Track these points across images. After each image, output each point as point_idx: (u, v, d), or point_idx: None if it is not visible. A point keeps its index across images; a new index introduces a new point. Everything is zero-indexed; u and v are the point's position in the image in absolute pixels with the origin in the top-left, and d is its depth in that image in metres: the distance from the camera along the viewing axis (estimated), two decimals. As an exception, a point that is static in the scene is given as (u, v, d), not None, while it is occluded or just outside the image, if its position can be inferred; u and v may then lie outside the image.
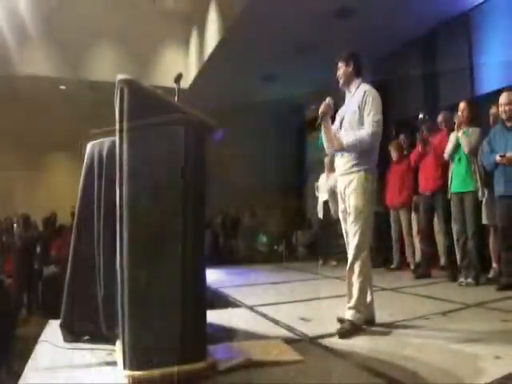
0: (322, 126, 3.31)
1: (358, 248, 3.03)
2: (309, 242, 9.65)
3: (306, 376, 2.19)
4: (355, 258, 3.04)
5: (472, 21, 7.18)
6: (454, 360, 2.35)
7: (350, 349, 2.59)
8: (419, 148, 5.60)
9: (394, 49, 8.18)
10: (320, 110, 3.27)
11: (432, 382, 2.04)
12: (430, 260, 5.66)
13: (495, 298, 4.00)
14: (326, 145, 3.38)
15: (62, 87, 10.44)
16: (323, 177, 7.66)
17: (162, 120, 2.13)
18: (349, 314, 2.96)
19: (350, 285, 3.04)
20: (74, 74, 9.95)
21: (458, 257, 5.11)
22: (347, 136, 3.15)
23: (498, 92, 5.08)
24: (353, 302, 2.98)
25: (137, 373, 1.90)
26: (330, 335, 2.87)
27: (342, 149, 3.15)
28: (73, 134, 9.56)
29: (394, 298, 4.34)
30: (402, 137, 6.73)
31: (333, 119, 3.38)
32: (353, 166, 3.11)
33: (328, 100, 3.29)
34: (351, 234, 3.09)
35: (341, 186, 3.21)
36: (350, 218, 3.09)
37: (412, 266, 6.14)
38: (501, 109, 4.49)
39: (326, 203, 7.41)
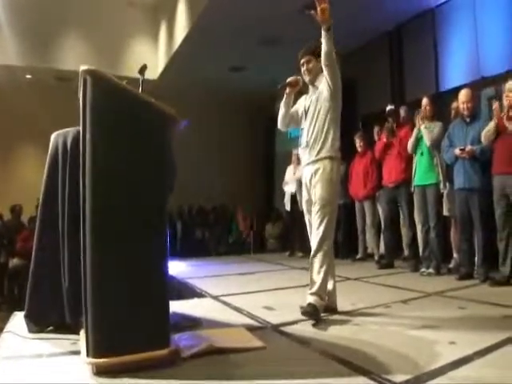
0: (285, 94, 3.35)
1: (322, 239, 3.05)
2: (278, 234, 9.72)
3: (268, 362, 2.23)
4: (318, 249, 3.06)
5: (437, 17, 7.33)
6: (411, 345, 2.44)
7: (311, 336, 2.66)
8: (384, 138, 5.70)
9: (361, 43, 8.27)
10: (288, 80, 3.33)
11: (389, 365, 2.11)
12: (393, 251, 5.80)
13: (455, 287, 4.15)
14: (281, 105, 3.41)
15: (28, 76, 10.22)
16: (290, 169, 7.75)
17: (127, 111, 2.15)
18: (311, 299, 2.99)
19: (312, 273, 3.07)
20: (40, 62, 9.74)
21: (420, 247, 5.28)
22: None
23: (461, 88, 5.24)
24: (314, 289, 3.01)
25: (100, 360, 1.93)
26: (292, 323, 2.93)
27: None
28: (40, 124, 9.43)
29: (357, 287, 4.44)
30: (376, 129, 6.65)
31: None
32: (318, 154, 3.14)
33: (299, 78, 3.33)
34: (315, 225, 3.09)
35: (306, 175, 3.22)
36: (315, 209, 3.10)
37: (376, 257, 6.29)
38: (460, 105, 4.62)
39: (293, 195, 7.49)
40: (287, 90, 3.33)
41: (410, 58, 7.88)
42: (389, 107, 6.01)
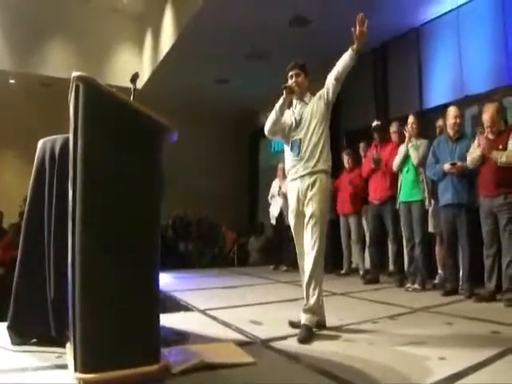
0: (281, 99, 3.28)
1: (318, 253, 3.04)
2: (261, 248, 9.69)
3: (259, 377, 2.20)
4: (315, 264, 3.03)
5: (422, 36, 7.46)
6: (403, 361, 2.43)
7: (301, 351, 2.63)
8: (372, 165, 5.69)
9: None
10: (288, 84, 3.28)
11: (383, 382, 2.09)
12: (379, 266, 5.81)
13: (440, 303, 4.17)
14: (276, 109, 3.31)
15: (12, 81, 10.08)
16: (276, 183, 7.72)
17: (120, 119, 2.12)
18: (304, 318, 2.99)
19: (309, 289, 3.05)
20: (25, 68, 9.64)
21: (406, 263, 5.30)
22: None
23: (445, 106, 5.32)
24: (309, 305, 3.01)
25: (88, 375, 1.86)
26: (282, 338, 2.90)
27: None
28: (22, 130, 9.30)
29: (344, 302, 4.43)
30: (362, 145, 6.71)
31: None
32: (315, 167, 3.13)
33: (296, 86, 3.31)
34: (310, 240, 3.07)
35: (301, 187, 3.17)
36: (311, 222, 3.08)
37: (361, 272, 6.30)
38: (451, 121, 4.66)
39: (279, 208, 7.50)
40: (284, 95, 3.27)
41: (394, 75, 7.98)
42: (375, 123, 6.04)
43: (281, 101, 3.29)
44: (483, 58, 6.35)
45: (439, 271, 5.26)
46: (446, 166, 4.55)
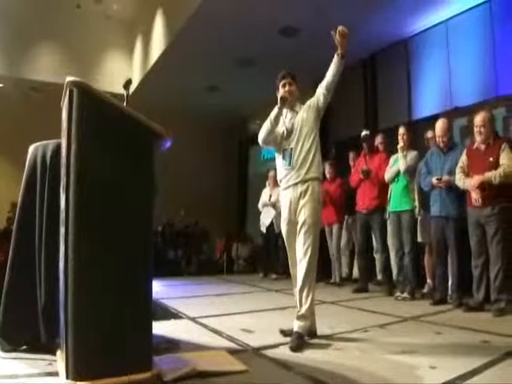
0: (277, 106, 3.26)
1: (310, 260, 3.04)
2: (248, 256, 9.68)
3: (251, 386, 2.19)
4: (308, 271, 3.04)
5: (411, 47, 7.54)
6: (394, 370, 2.43)
7: (293, 359, 2.62)
8: (361, 175, 5.70)
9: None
10: (282, 95, 3.28)
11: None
12: (367, 275, 5.83)
13: (430, 312, 4.18)
14: (271, 119, 3.29)
15: (0, 85, 10.00)
16: (266, 191, 7.72)
17: (113, 124, 2.12)
18: (296, 325, 3.00)
19: (302, 296, 3.06)
20: (13, 72, 9.58)
21: (395, 272, 5.33)
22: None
23: (434, 117, 5.37)
24: (303, 311, 3.02)
25: (80, 383, 1.84)
26: (273, 346, 2.90)
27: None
28: (11, 134, 9.21)
29: (334, 311, 4.42)
30: (351, 155, 6.78)
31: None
32: (307, 175, 3.14)
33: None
34: (303, 247, 3.07)
35: (293, 196, 3.18)
36: (303, 229, 3.08)
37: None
38: (438, 139, 4.72)
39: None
40: (279, 105, 3.27)
41: (383, 86, 8.05)
42: (364, 133, 6.06)
43: (275, 110, 3.28)
44: (472, 69, 6.43)
45: (428, 280, 5.28)
46: (434, 181, 4.60)
